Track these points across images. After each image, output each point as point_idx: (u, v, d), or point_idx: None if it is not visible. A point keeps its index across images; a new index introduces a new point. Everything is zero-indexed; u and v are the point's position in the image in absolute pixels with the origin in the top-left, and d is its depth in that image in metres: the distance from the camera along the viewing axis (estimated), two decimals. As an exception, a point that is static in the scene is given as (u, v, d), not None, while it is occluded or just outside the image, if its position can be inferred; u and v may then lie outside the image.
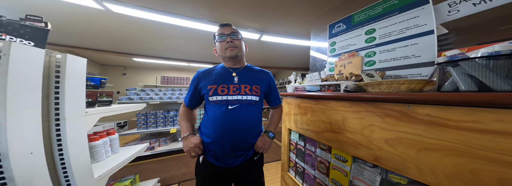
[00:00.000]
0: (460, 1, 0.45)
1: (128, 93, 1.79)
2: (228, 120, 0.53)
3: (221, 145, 0.53)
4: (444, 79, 0.35)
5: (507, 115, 0.24)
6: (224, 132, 0.53)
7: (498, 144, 0.25)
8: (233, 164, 0.55)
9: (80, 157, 0.54)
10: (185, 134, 0.57)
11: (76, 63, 0.54)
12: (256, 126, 0.58)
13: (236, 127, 0.53)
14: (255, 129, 0.58)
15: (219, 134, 0.53)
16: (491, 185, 0.26)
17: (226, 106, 0.54)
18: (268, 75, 0.64)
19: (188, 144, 0.54)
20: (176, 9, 1.23)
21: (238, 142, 0.54)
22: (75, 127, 0.52)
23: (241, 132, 0.54)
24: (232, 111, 0.53)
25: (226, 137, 0.53)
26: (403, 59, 0.57)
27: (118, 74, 3.49)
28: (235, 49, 0.56)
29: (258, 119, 0.59)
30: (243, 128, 0.54)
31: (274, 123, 0.65)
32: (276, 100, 0.67)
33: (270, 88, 0.64)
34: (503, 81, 0.27)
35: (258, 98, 0.58)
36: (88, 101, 0.65)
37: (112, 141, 0.81)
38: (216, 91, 0.55)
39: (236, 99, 0.55)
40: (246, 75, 0.59)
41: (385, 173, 0.44)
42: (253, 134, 0.57)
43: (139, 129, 1.79)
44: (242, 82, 0.57)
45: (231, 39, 0.56)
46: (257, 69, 0.64)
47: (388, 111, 0.41)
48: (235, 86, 0.56)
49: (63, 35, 1.75)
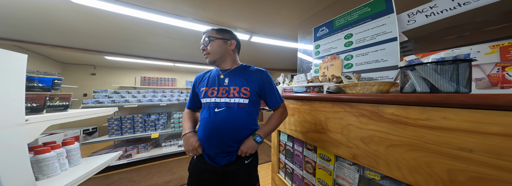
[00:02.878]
0: (416, 12, 0.52)
1: (97, 95, 1.60)
2: (212, 122, 0.53)
3: (207, 147, 0.54)
4: (405, 81, 0.39)
5: (450, 113, 0.28)
6: (208, 134, 0.53)
7: (445, 139, 0.29)
8: (220, 163, 0.54)
9: (16, 175, 0.44)
10: (185, 132, 0.58)
11: (10, 60, 0.44)
12: (242, 130, 0.55)
13: (219, 130, 0.53)
14: (241, 133, 0.55)
15: (205, 136, 0.54)
16: (442, 176, 0.29)
17: (213, 108, 0.54)
18: (261, 75, 0.59)
19: (188, 145, 0.55)
20: (157, 5, 1.17)
21: (222, 145, 0.53)
22: (8, 138, 0.43)
23: (224, 135, 0.53)
24: (218, 114, 0.53)
25: (211, 140, 0.53)
26: (374, 62, 0.62)
27: (85, 75, 3.06)
28: (208, 55, 0.56)
29: (247, 123, 0.56)
30: (226, 130, 0.53)
31: (267, 126, 0.59)
32: (273, 101, 0.60)
33: (263, 89, 0.58)
34: (448, 83, 0.31)
35: (247, 100, 0.54)
36: (32, 106, 0.55)
37: (70, 152, 0.71)
38: (206, 94, 0.56)
39: (224, 101, 0.54)
40: (236, 77, 0.57)
41: (362, 170, 0.47)
42: (239, 138, 0.55)
43: (111, 136, 1.63)
44: (232, 84, 0.56)
45: (203, 47, 0.56)
46: (252, 69, 0.60)
47: (362, 111, 0.44)
48: (225, 89, 0.55)
49: (6, 27, 1.45)
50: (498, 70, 0.37)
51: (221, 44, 0.56)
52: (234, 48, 0.60)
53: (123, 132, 1.67)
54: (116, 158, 0.86)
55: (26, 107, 0.52)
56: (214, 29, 0.57)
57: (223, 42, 0.57)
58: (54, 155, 0.62)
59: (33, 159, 0.58)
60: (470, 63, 0.31)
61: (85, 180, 0.66)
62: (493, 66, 0.38)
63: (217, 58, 0.57)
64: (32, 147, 0.64)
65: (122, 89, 2.02)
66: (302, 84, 0.78)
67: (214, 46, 0.56)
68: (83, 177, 0.65)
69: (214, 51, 0.56)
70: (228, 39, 0.57)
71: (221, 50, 0.57)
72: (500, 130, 0.23)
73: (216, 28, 0.58)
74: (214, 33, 0.56)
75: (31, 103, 0.55)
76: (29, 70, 0.55)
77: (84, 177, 0.65)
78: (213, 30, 0.57)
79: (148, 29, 1.60)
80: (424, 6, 0.51)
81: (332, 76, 0.68)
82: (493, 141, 0.24)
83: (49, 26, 1.50)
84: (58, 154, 0.64)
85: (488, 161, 0.24)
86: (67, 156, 0.69)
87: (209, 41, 0.55)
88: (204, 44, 0.56)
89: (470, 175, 0.26)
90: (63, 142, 0.71)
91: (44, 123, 0.54)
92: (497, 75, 0.37)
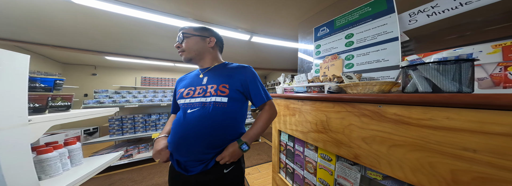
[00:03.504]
0: (417, 12, 0.52)
1: (98, 95, 1.61)
2: (182, 125, 0.46)
3: (175, 154, 0.47)
4: (407, 81, 0.39)
5: (453, 113, 0.28)
6: (177, 140, 0.46)
7: (448, 139, 0.29)
8: (191, 171, 0.45)
9: (20, 175, 0.44)
10: (158, 136, 0.54)
11: (13, 60, 0.44)
12: (219, 134, 0.46)
13: (189, 135, 0.45)
14: (218, 137, 0.46)
15: (173, 141, 0.47)
16: (445, 176, 0.29)
17: (186, 110, 0.48)
18: (243, 70, 0.52)
19: (154, 149, 0.50)
20: (157, 5, 1.17)
21: (192, 153, 0.45)
22: (12, 138, 0.43)
23: (194, 141, 0.45)
24: (189, 116, 0.46)
25: (180, 147, 0.46)
26: (375, 62, 0.62)
27: (86, 75, 3.08)
28: (183, 53, 0.52)
29: (226, 125, 0.48)
30: (198, 135, 0.45)
31: (253, 130, 0.50)
32: (258, 98, 0.52)
33: (246, 85, 0.51)
34: (450, 83, 0.31)
35: (226, 98, 0.47)
36: (35, 107, 0.55)
37: (72, 152, 0.71)
38: (181, 95, 0.51)
39: (199, 101, 0.47)
40: (216, 75, 0.52)
41: (364, 170, 0.47)
42: (216, 143, 0.46)
43: (112, 136, 1.63)
44: (210, 83, 0.50)
45: (178, 44, 0.52)
46: (233, 66, 0.54)
47: (364, 111, 0.44)
48: (202, 88, 0.50)
49: (6, 27, 1.46)
50: (501, 70, 0.37)
51: (198, 41, 0.52)
52: (214, 46, 0.55)
53: (124, 132, 1.68)
54: (117, 158, 0.86)
55: (29, 107, 0.53)
56: (191, 26, 0.53)
57: (200, 39, 0.52)
58: (56, 155, 0.62)
59: (36, 159, 0.58)
60: (472, 63, 0.30)
61: (87, 180, 0.66)
62: (496, 66, 0.37)
63: (193, 55, 0.52)
64: (35, 147, 0.64)
65: (123, 90, 2.02)
66: (303, 84, 0.78)
67: (190, 43, 0.51)
68: (85, 177, 0.65)
69: (190, 48, 0.51)
70: (206, 37, 0.53)
71: (198, 47, 0.52)
72: (504, 129, 0.23)
73: (193, 26, 0.54)
74: (191, 30, 0.52)
75: (34, 103, 0.55)
76: (30, 71, 0.56)
77: (86, 177, 0.66)
78: (190, 27, 0.53)
79: (148, 29, 1.60)
80: (426, 6, 0.51)
81: (333, 76, 0.68)
82: (497, 141, 0.24)
83: (49, 27, 1.50)
84: (60, 154, 0.65)
85: (492, 161, 0.24)
86: (69, 156, 0.70)
87: (184, 38, 0.51)
88: (179, 42, 0.52)
89: (474, 176, 0.26)
90: (65, 142, 0.72)
91: (47, 123, 0.54)
92: (500, 75, 0.37)
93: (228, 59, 3.00)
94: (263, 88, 0.54)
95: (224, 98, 0.48)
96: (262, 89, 0.54)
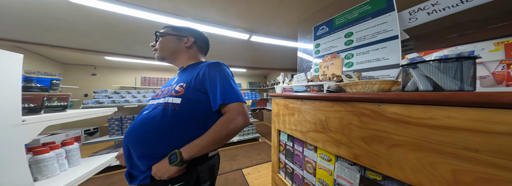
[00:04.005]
0: (418, 10, 0.51)
1: (97, 95, 1.60)
2: (128, 129, 0.43)
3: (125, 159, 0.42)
4: (407, 80, 0.38)
5: (454, 111, 0.27)
6: (123, 145, 0.43)
7: (449, 138, 0.28)
8: (133, 181, 0.41)
9: (14, 176, 0.43)
10: None
11: (5, 60, 0.43)
12: (159, 141, 0.38)
13: (129, 139, 0.41)
14: (157, 146, 0.38)
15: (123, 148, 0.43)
16: (446, 177, 0.28)
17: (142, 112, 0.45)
18: (206, 66, 0.45)
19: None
20: (157, 5, 1.16)
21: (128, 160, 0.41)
22: (5, 139, 0.42)
23: (133, 147, 0.40)
24: (136, 119, 0.43)
25: (124, 152, 0.42)
26: (375, 61, 0.61)
27: (86, 75, 3.07)
28: (155, 51, 0.51)
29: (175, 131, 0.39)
30: (134, 141, 0.39)
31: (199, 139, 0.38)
32: (216, 99, 0.41)
33: (202, 82, 0.43)
34: (451, 81, 0.30)
35: (179, 99, 0.41)
36: (30, 107, 0.54)
37: (70, 152, 0.70)
38: (152, 98, 0.50)
39: (157, 103, 0.44)
40: (183, 74, 0.49)
41: (363, 171, 0.46)
42: (153, 152, 0.38)
43: (111, 136, 1.63)
44: (177, 82, 0.47)
45: (153, 43, 0.52)
46: (202, 64, 0.49)
47: (364, 110, 0.44)
48: (168, 88, 0.47)
49: (5, 27, 1.45)
50: (503, 68, 0.36)
51: (172, 41, 0.50)
52: (191, 45, 0.52)
53: (123, 132, 1.68)
54: (115, 158, 0.86)
55: (24, 107, 0.52)
56: (171, 26, 0.52)
57: (176, 38, 0.50)
58: (53, 156, 0.62)
59: (32, 160, 0.57)
60: (474, 61, 0.30)
61: (85, 180, 0.66)
62: (498, 63, 0.37)
63: (165, 55, 0.50)
64: (31, 147, 0.63)
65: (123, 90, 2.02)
66: (302, 83, 0.77)
67: (163, 42, 0.50)
68: (83, 177, 0.65)
69: (162, 47, 0.50)
70: (184, 36, 0.51)
71: (171, 47, 0.50)
72: (507, 129, 0.23)
73: (173, 25, 0.53)
74: (169, 30, 0.51)
75: (29, 103, 0.54)
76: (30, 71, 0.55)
77: (83, 177, 0.65)
78: (170, 27, 0.52)
79: (148, 29, 1.59)
80: (426, 4, 0.50)
81: (333, 75, 0.67)
82: (500, 140, 0.23)
83: (48, 27, 1.49)
84: (57, 154, 0.64)
85: (495, 161, 0.24)
86: (66, 156, 0.69)
87: (157, 37, 0.51)
88: (156, 40, 0.52)
89: (476, 176, 0.25)
90: (62, 142, 0.71)
91: (42, 124, 0.53)
92: (502, 73, 0.36)
93: (227, 59, 3.01)
94: (224, 87, 0.42)
95: (177, 99, 0.41)
96: (223, 88, 0.42)
